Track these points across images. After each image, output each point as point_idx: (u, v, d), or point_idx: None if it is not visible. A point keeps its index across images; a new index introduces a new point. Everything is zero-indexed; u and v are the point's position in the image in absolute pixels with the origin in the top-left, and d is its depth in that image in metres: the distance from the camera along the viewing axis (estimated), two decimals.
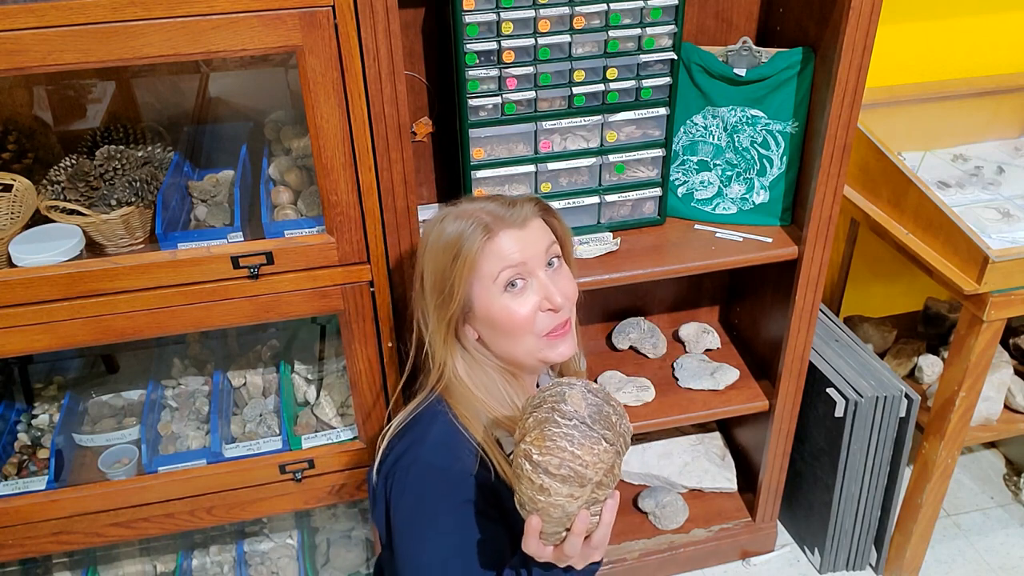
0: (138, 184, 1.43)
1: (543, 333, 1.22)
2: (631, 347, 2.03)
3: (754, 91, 1.63)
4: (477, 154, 1.56)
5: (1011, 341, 2.07)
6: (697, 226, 1.75)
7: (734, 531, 2.07)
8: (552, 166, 1.60)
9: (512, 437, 1.10)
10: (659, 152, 1.65)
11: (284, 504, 1.65)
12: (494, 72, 1.49)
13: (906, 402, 1.81)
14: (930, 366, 1.99)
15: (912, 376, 2.04)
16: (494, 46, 1.46)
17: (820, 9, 1.52)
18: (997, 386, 1.90)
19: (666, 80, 1.57)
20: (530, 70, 1.50)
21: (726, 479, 2.11)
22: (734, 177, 1.72)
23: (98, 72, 1.60)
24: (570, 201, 1.65)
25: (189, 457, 1.60)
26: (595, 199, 1.67)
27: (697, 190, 1.75)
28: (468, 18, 1.42)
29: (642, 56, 1.54)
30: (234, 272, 1.39)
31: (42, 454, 1.62)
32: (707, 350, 2.02)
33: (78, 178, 1.43)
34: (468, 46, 1.45)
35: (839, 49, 1.46)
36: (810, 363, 1.85)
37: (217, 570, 1.87)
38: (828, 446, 1.89)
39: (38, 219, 1.42)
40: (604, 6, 1.47)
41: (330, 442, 1.63)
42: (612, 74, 1.55)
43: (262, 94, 1.68)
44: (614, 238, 1.69)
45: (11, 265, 1.35)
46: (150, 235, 1.45)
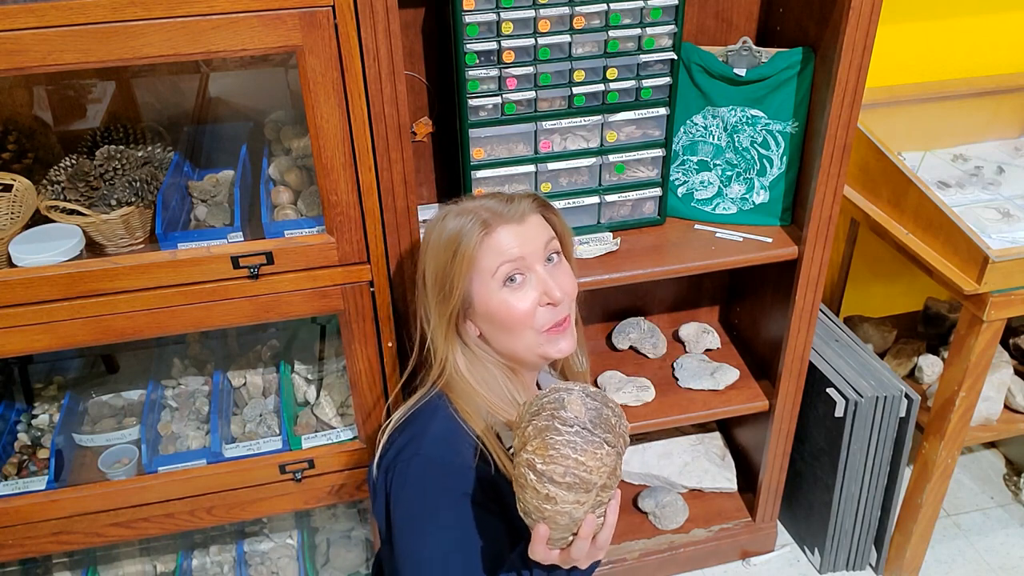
0: (138, 184, 1.43)
1: (543, 328, 1.22)
2: (631, 347, 2.03)
3: (754, 91, 1.63)
4: (477, 154, 1.56)
5: (1011, 341, 2.07)
6: (697, 226, 1.75)
7: (734, 531, 2.07)
8: (552, 166, 1.60)
9: (512, 431, 1.10)
10: (659, 152, 1.65)
11: (284, 504, 1.65)
12: (494, 72, 1.49)
13: (906, 402, 1.81)
14: (930, 366, 1.99)
15: (912, 376, 2.04)
16: (494, 46, 1.46)
17: (820, 9, 1.52)
18: (997, 386, 1.90)
19: (666, 80, 1.57)
20: (530, 70, 1.50)
21: (726, 479, 2.11)
22: (734, 177, 1.72)
23: (98, 72, 1.60)
24: (570, 201, 1.65)
25: (189, 457, 1.60)
26: (595, 199, 1.67)
27: (697, 190, 1.75)
28: (468, 18, 1.42)
29: (642, 56, 1.54)
30: (234, 272, 1.39)
31: (42, 454, 1.62)
32: (707, 350, 2.02)
33: (78, 178, 1.43)
34: (468, 46, 1.45)
35: (839, 49, 1.46)
36: (810, 363, 1.85)
37: (217, 570, 1.87)
38: (828, 446, 1.89)
39: (38, 219, 1.42)
40: (604, 6, 1.47)
41: (330, 442, 1.63)
42: (612, 74, 1.55)
43: (262, 94, 1.68)
44: (614, 238, 1.69)
45: (11, 265, 1.35)
46: (150, 235, 1.45)
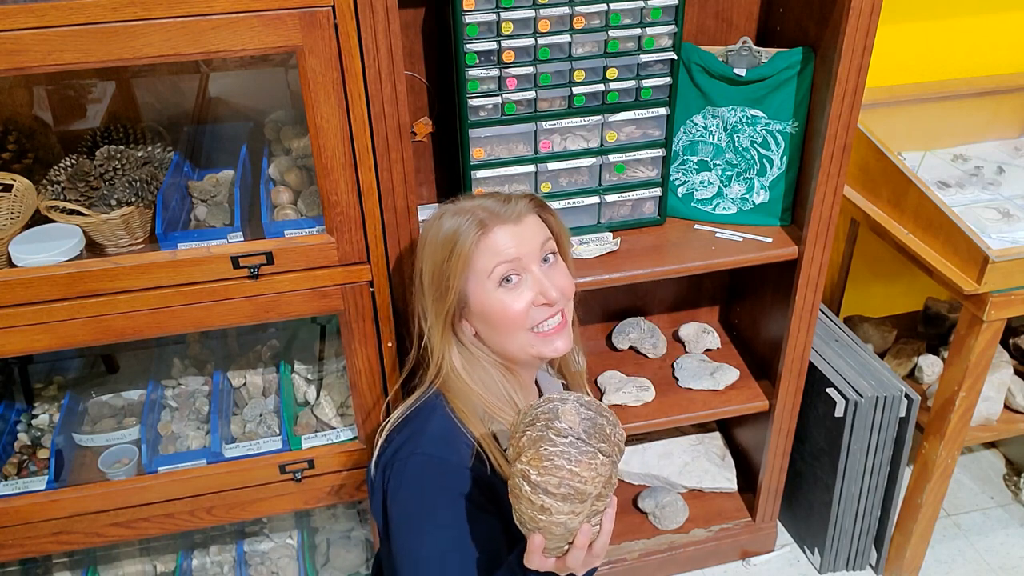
0: (138, 184, 1.43)
1: (537, 328, 1.22)
2: (631, 347, 2.03)
3: (754, 91, 1.63)
4: (477, 154, 1.56)
5: (1011, 341, 2.07)
6: (697, 226, 1.75)
7: (734, 531, 2.07)
8: (552, 166, 1.60)
9: (508, 431, 1.10)
10: (659, 152, 1.65)
11: (284, 504, 1.65)
12: (494, 72, 1.49)
13: (906, 402, 1.80)
14: (930, 366, 1.99)
15: (912, 376, 2.04)
16: (494, 46, 1.46)
17: (820, 9, 1.52)
18: (997, 386, 1.90)
19: (666, 80, 1.57)
20: (530, 70, 1.50)
21: (726, 479, 2.11)
22: (734, 177, 1.72)
23: (98, 72, 1.60)
24: (570, 201, 1.65)
25: (189, 457, 1.60)
26: (595, 199, 1.67)
27: (697, 190, 1.75)
28: (468, 18, 1.42)
29: (642, 56, 1.54)
30: (234, 272, 1.38)
31: (42, 454, 1.62)
32: (707, 350, 2.02)
33: (78, 178, 1.43)
34: (468, 46, 1.45)
35: (839, 49, 1.46)
36: (810, 363, 1.85)
37: (217, 570, 1.87)
38: (828, 446, 1.89)
39: (38, 219, 1.42)
40: (604, 6, 1.47)
41: (330, 442, 1.63)
42: (612, 74, 1.55)
43: (262, 94, 1.68)
44: (614, 238, 1.69)
45: (11, 265, 1.35)
46: (150, 235, 1.45)
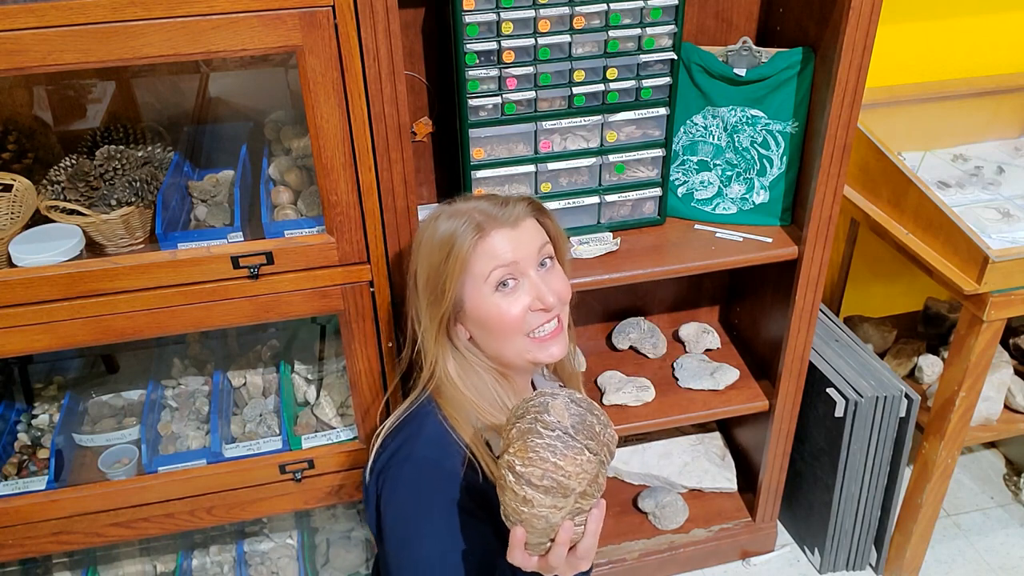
0: (138, 184, 1.43)
1: (533, 333, 1.21)
2: (631, 347, 2.03)
3: (754, 91, 1.63)
4: (477, 154, 1.56)
5: (1011, 341, 2.07)
6: (697, 226, 1.75)
7: (734, 531, 2.07)
8: (552, 166, 1.60)
9: (500, 436, 1.09)
10: (659, 152, 1.65)
11: (284, 504, 1.65)
12: (494, 72, 1.49)
13: (906, 402, 1.80)
14: (930, 366, 1.99)
15: (912, 376, 2.04)
16: (494, 46, 1.46)
17: (820, 9, 1.52)
18: (997, 386, 1.90)
19: (666, 80, 1.57)
20: (530, 70, 1.50)
21: (726, 479, 2.11)
22: (734, 177, 1.72)
23: (98, 72, 1.60)
24: (570, 201, 1.65)
25: (189, 457, 1.60)
26: (595, 199, 1.67)
27: (697, 190, 1.75)
28: (468, 18, 1.42)
29: (642, 56, 1.54)
30: (234, 272, 1.38)
31: (42, 454, 1.62)
32: (707, 350, 2.02)
33: (78, 178, 1.43)
34: (468, 46, 1.45)
35: (839, 49, 1.46)
36: (810, 363, 1.85)
37: (217, 570, 1.87)
38: (828, 446, 1.89)
39: (38, 219, 1.42)
40: (604, 6, 1.47)
41: (330, 442, 1.63)
42: (612, 74, 1.55)
43: (262, 94, 1.68)
44: (614, 238, 1.69)
45: (11, 265, 1.35)
46: (150, 235, 1.45)
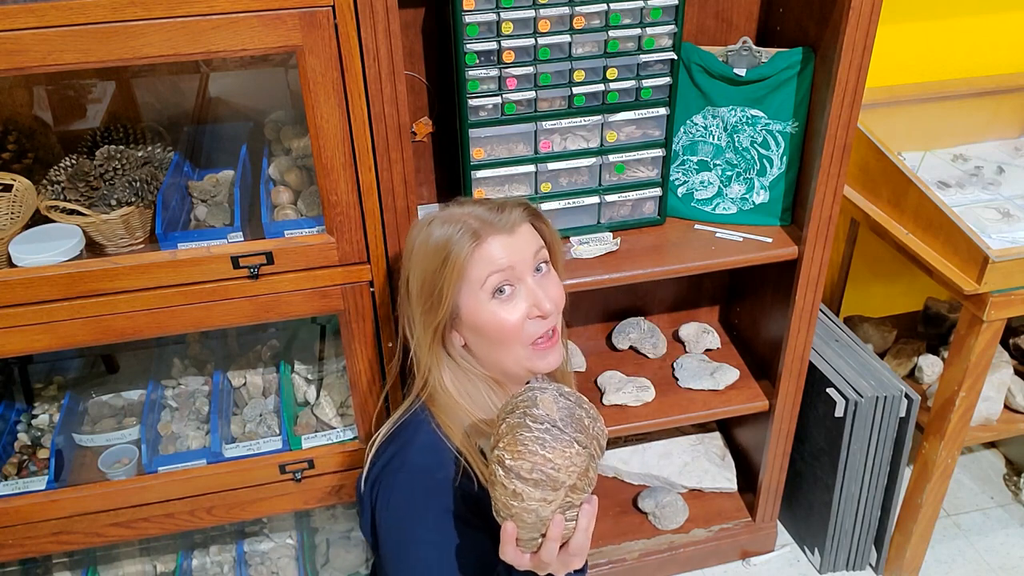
0: (138, 184, 1.43)
1: (531, 342, 1.20)
2: (631, 347, 2.03)
3: (754, 91, 1.63)
4: (477, 154, 1.56)
5: (1011, 341, 2.07)
6: (697, 226, 1.75)
7: (734, 531, 2.07)
8: (552, 166, 1.60)
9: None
10: (659, 152, 1.65)
11: (284, 504, 1.65)
12: (494, 72, 1.49)
13: (906, 402, 1.80)
14: (930, 366, 1.99)
15: (912, 376, 2.04)
16: (494, 46, 1.46)
17: (820, 9, 1.52)
18: (997, 386, 1.90)
19: (666, 80, 1.57)
20: (530, 70, 1.50)
21: (726, 479, 2.11)
22: (734, 177, 1.72)
23: (98, 72, 1.60)
24: (570, 201, 1.65)
25: (189, 457, 1.60)
26: (595, 199, 1.67)
27: (697, 190, 1.75)
28: (468, 18, 1.42)
29: (642, 56, 1.54)
30: (234, 272, 1.38)
31: (42, 454, 1.62)
32: (707, 350, 2.02)
33: (78, 178, 1.43)
34: (468, 46, 1.45)
35: (839, 49, 1.46)
36: (810, 363, 1.85)
37: (217, 570, 1.87)
38: (828, 446, 1.89)
39: (38, 219, 1.42)
40: (604, 6, 1.47)
41: (330, 442, 1.63)
42: (612, 74, 1.55)
43: (262, 94, 1.68)
44: (614, 238, 1.69)
45: (11, 265, 1.35)
46: (150, 235, 1.45)
